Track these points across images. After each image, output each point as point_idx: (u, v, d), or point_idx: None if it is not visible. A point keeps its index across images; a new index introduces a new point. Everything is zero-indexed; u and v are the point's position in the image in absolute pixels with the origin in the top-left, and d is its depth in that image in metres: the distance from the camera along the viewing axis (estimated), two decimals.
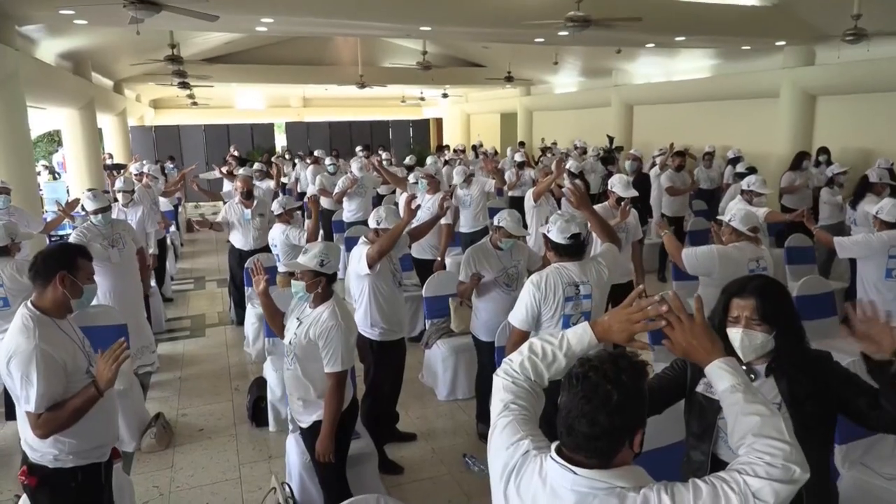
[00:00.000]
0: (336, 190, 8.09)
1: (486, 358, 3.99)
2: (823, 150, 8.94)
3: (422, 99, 22.60)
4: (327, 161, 9.99)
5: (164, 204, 9.10)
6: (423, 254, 6.09)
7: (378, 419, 3.87)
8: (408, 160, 10.09)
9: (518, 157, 9.13)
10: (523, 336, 2.99)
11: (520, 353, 1.60)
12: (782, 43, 9.41)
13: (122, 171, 10.65)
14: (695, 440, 2.01)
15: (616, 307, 1.60)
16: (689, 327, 1.49)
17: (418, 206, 4.16)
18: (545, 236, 3.18)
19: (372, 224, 3.81)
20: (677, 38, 9.15)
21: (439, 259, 5.96)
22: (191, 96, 16.94)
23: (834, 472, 3.04)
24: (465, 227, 6.98)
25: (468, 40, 13.22)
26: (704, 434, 1.96)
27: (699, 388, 1.99)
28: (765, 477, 1.24)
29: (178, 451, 4.14)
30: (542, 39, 9.29)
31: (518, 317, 3.06)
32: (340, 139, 19.18)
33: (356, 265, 3.68)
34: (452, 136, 22.62)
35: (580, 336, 1.59)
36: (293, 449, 3.35)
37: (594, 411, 1.27)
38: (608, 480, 1.26)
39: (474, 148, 16.28)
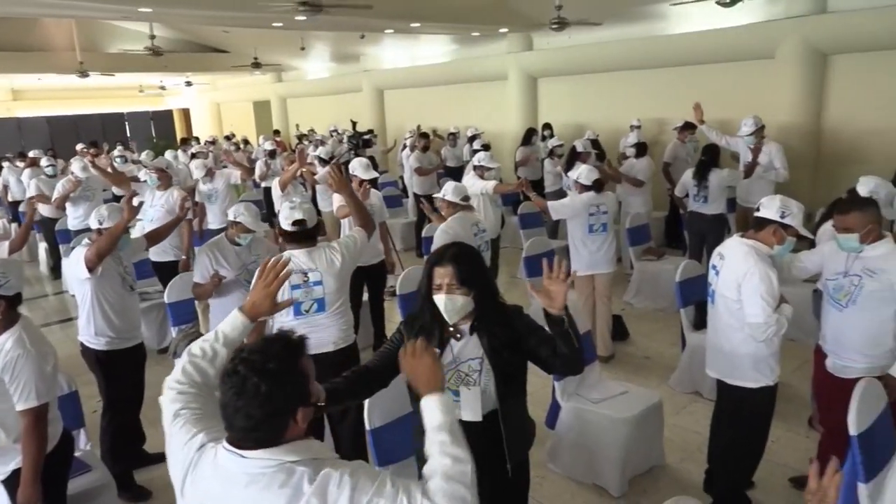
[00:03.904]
0: (55, 195, 7.03)
1: None
2: (546, 126, 10.13)
3: (163, 88, 20.60)
4: (44, 162, 8.62)
5: None
6: (165, 255, 5.53)
7: (118, 442, 3.49)
8: (143, 156, 9.15)
9: (268, 146, 8.83)
10: (259, 328, 2.89)
11: (179, 364, 1.61)
12: (505, 30, 10.39)
13: None
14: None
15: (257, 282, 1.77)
16: (419, 356, 1.63)
17: (141, 203, 3.80)
18: (278, 224, 3.12)
19: (94, 225, 3.52)
20: (413, 25, 9.56)
21: (184, 258, 5.50)
22: None
23: (556, 406, 3.50)
24: (213, 223, 6.55)
25: (199, 24, 12.33)
26: None
27: None
28: None
29: None
30: (280, 24, 9.03)
31: None
32: (64, 136, 16.80)
33: (74, 268, 3.32)
34: (202, 128, 21.08)
35: (232, 323, 1.70)
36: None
37: (247, 405, 1.30)
38: (277, 457, 1.30)
39: (227, 139, 15.38)
